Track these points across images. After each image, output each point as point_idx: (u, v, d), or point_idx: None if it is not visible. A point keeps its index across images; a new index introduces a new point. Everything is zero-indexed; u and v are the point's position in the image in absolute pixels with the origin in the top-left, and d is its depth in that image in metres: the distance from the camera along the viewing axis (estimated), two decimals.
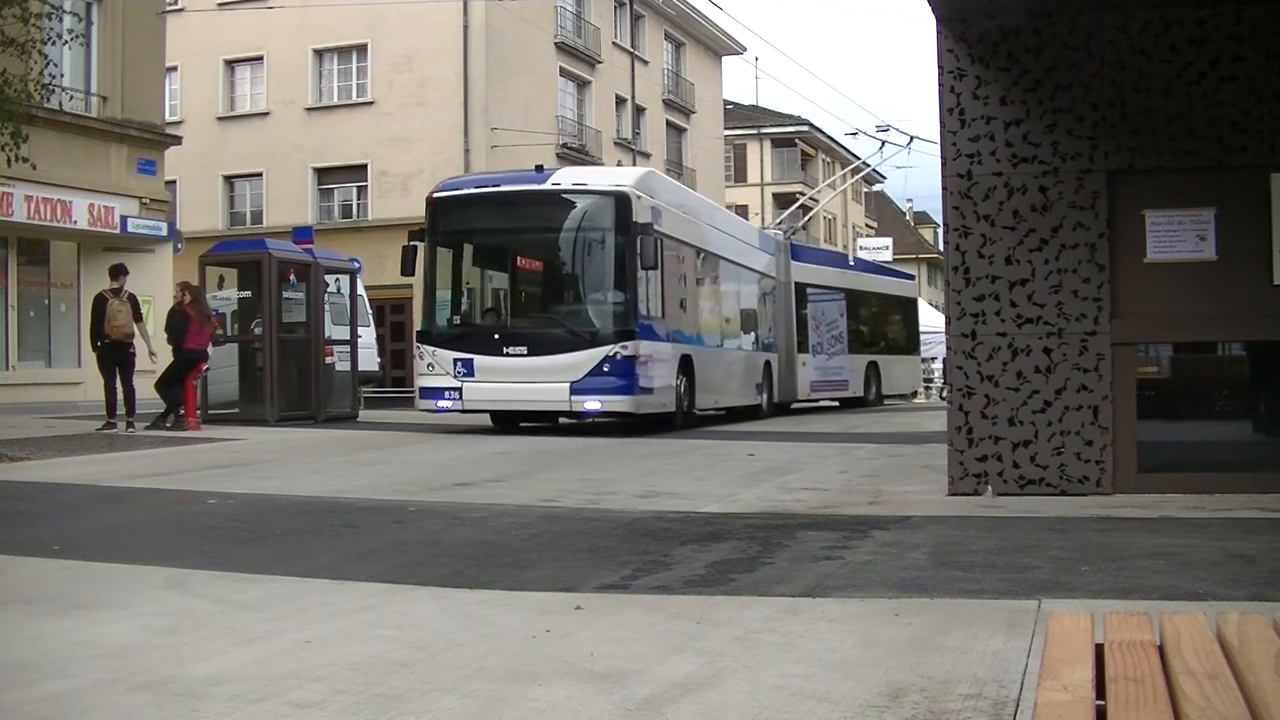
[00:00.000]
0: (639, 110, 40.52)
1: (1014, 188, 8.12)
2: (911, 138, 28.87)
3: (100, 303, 14.60)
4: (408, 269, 15.59)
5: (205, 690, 3.44)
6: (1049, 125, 8.11)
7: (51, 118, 19.21)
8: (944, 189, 8.26)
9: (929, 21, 8.42)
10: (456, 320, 15.65)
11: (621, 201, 14.87)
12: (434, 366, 15.03)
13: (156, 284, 20.87)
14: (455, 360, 14.84)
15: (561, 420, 16.15)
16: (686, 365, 16.45)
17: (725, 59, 48.02)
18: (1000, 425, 8.03)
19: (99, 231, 21.13)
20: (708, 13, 42.01)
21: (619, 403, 14.59)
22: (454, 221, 15.75)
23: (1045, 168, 8.10)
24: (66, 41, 14.88)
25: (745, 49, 48.16)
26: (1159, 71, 7.97)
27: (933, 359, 40.04)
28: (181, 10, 31.49)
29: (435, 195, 15.90)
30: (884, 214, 75.92)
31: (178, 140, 24.37)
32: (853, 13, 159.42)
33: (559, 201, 15.35)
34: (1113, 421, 7.92)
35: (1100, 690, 1.97)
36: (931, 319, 37.00)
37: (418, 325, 16.48)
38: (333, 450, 12.39)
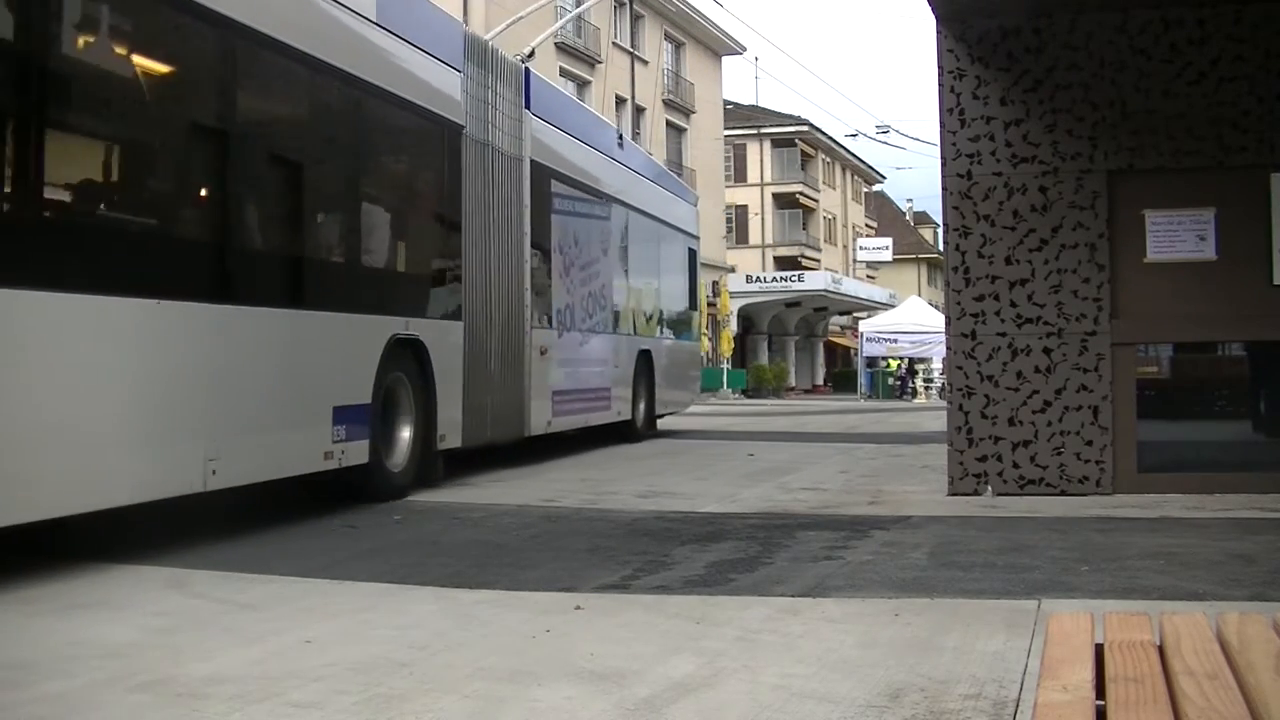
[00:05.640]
0: (639, 110, 40.53)
1: (1014, 188, 8.13)
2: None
3: None
4: None
5: (205, 690, 3.44)
6: (1049, 125, 8.12)
7: None
8: (944, 189, 8.26)
9: (929, 21, 8.43)
10: None
11: None
12: None
13: None
14: None
15: None
16: None
17: (725, 59, 48.03)
18: (1000, 425, 8.03)
19: None
20: (708, 12, 42.06)
21: None
22: None
23: (1045, 168, 8.10)
24: None
25: (745, 49, 48.20)
26: (1159, 71, 7.97)
27: (925, 360, 40.06)
28: None
29: None
30: (884, 214, 75.97)
31: None
32: (853, 13, 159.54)
33: None
34: (1113, 421, 7.92)
35: (1100, 690, 1.97)
36: (931, 319, 37.04)
37: None
38: None
